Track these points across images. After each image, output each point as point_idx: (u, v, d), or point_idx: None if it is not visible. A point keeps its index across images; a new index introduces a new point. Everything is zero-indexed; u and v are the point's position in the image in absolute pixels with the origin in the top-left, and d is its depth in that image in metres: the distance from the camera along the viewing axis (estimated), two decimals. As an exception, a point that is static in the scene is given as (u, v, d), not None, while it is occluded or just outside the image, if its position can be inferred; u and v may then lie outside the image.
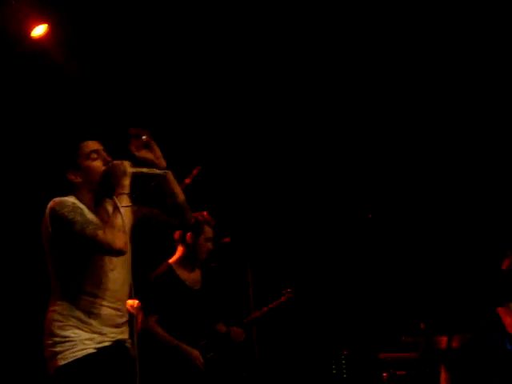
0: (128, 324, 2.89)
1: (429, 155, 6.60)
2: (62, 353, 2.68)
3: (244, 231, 5.27)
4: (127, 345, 2.87)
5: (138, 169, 2.88)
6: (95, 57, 5.68)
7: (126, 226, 2.68)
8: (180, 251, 4.36)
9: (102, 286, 2.77)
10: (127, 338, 2.88)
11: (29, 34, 5.21)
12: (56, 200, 2.76)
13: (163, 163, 2.93)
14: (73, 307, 2.73)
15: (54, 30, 5.29)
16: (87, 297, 2.74)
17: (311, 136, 6.76)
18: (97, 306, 2.75)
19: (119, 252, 2.68)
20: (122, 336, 2.85)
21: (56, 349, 2.69)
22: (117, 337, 2.81)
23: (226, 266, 4.63)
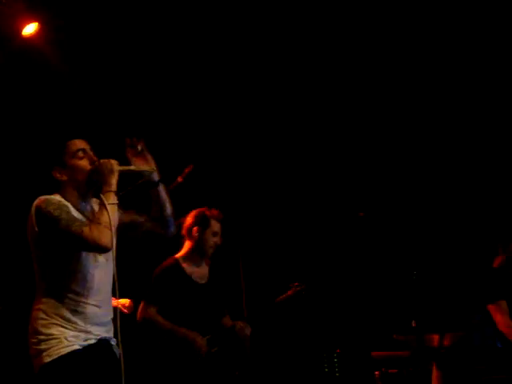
0: (113, 322, 2.88)
1: (420, 154, 6.62)
2: (47, 350, 2.67)
3: (237, 228, 5.26)
4: (112, 343, 2.86)
5: (126, 167, 2.87)
6: (85, 55, 5.68)
7: (112, 223, 2.67)
8: (187, 246, 4.35)
9: (87, 285, 2.77)
10: (112, 336, 2.87)
11: (19, 33, 5.21)
12: (42, 198, 2.75)
13: (156, 175, 2.94)
14: (58, 305, 2.72)
15: (45, 29, 5.29)
16: (72, 295, 2.74)
17: (303, 134, 6.76)
18: (81, 304, 2.75)
19: (105, 249, 2.67)
20: (108, 334, 2.85)
21: (41, 347, 2.69)
22: (102, 335, 2.81)
23: (218, 262, 4.60)
